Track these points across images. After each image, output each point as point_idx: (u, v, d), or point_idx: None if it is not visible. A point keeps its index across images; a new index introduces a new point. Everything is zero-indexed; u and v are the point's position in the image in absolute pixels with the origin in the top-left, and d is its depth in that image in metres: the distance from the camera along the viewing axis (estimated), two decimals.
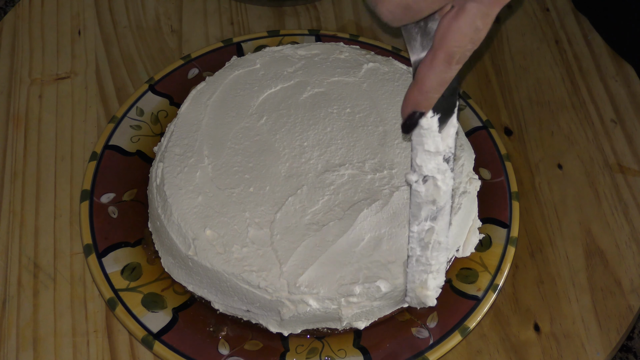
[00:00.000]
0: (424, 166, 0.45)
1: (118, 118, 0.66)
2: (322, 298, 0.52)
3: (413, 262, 0.51)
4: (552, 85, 0.75)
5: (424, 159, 0.45)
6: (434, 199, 0.47)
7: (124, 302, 0.56)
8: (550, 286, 0.61)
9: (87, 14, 0.78)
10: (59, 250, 0.62)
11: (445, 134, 0.44)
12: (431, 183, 0.46)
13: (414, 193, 0.47)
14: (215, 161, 0.58)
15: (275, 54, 0.66)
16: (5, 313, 0.59)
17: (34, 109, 0.71)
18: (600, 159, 0.69)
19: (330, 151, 0.59)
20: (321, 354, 0.55)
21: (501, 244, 0.60)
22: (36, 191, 0.65)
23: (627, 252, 0.63)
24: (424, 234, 0.49)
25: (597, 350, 0.58)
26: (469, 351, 0.58)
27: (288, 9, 0.79)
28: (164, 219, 0.56)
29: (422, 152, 0.45)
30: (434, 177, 0.46)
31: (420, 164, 0.45)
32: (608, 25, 0.78)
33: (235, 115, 0.61)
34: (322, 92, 0.63)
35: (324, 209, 0.55)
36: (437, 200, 0.47)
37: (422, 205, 0.48)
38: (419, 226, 0.49)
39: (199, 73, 0.70)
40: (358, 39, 0.73)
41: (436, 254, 0.51)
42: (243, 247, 0.54)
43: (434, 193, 0.47)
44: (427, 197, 0.47)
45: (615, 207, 0.66)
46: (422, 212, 0.48)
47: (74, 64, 0.74)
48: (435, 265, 0.51)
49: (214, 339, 0.55)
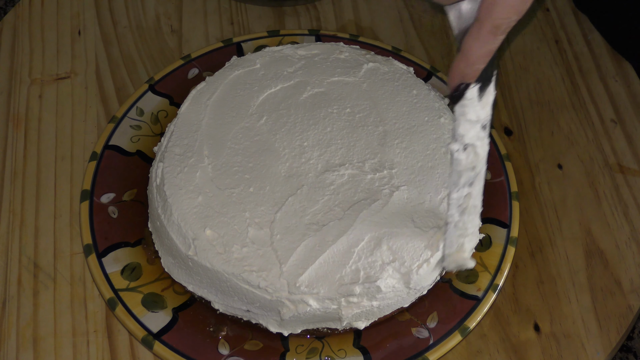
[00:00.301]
0: (466, 135, 0.48)
1: (118, 118, 0.66)
2: (322, 298, 0.52)
3: (452, 227, 0.52)
4: (552, 85, 0.75)
5: (466, 128, 0.47)
6: (473, 165, 0.49)
7: (124, 302, 0.56)
8: (550, 286, 0.62)
9: (87, 14, 0.78)
10: (59, 250, 0.62)
11: (485, 102, 0.47)
12: (471, 150, 0.49)
13: (455, 161, 0.49)
14: (215, 161, 0.58)
15: (275, 54, 0.66)
16: (5, 313, 0.59)
17: (34, 109, 0.71)
18: (600, 159, 0.69)
19: (330, 151, 0.59)
20: (321, 354, 0.55)
21: (501, 244, 0.60)
22: (36, 191, 0.65)
23: (627, 252, 0.64)
24: (462, 200, 0.51)
25: (597, 350, 0.58)
26: (469, 351, 0.58)
27: (288, 9, 0.79)
28: (164, 219, 0.56)
29: (464, 122, 0.47)
30: (474, 145, 0.48)
31: (463, 133, 0.48)
32: (608, 23, 0.78)
33: (235, 115, 0.61)
34: (322, 92, 0.63)
35: (324, 209, 0.55)
36: (476, 166, 0.49)
37: (463, 172, 0.50)
38: (458, 193, 0.51)
39: (199, 73, 0.70)
40: (358, 39, 0.73)
41: (472, 218, 0.52)
42: (243, 247, 0.54)
43: (474, 160, 0.49)
44: (467, 164, 0.49)
45: (615, 207, 0.66)
46: (462, 179, 0.50)
47: (74, 64, 0.74)
48: (471, 229, 0.53)
49: (214, 339, 0.55)
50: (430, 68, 0.71)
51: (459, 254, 0.54)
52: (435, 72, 0.71)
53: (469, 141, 0.48)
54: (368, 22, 0.79)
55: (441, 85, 0.70)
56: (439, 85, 0.69)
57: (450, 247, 0.54)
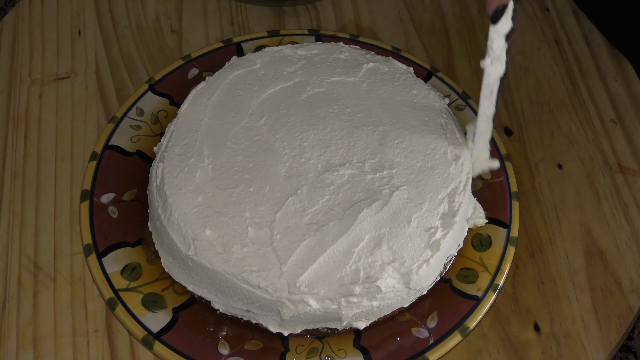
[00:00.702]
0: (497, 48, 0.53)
1: (118, 118, 0.66)
2: (322, 298, 0.52)
3: (479, 134, 0.59)
4: (552, 85, 0.75)
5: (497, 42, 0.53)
6: (499, 76, 0.55)
7: (124, 302, 0.56)
8: (550, 286, 0.62)
9: (87, 14, 0.78)
10: (59, 250, 0.62)
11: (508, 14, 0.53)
12: (497, 62, 0.54)
13: (486, 75, 0.55)
14: (215, 161, 0.58)
15: (275, 54, 0.66)
16: (5, 313, 0.59)
17: (34, 109, 0.71)
18: (600, 159, 0.69)
19: (330, 151, 0.59)
20: (321, 354, 0.55)
21: (501, 244, 0.60)
22: (36, 191, 0.65)
23: (627, 252, 0.63)
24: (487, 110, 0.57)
25: (597, 350, 0.58)
26: (469, 351, 0.58)
27: (288, 9, 0.79)
28: (164, 219, 0.56)
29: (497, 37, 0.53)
30: (500, 56, 0.54)
31: (495, 47, 0.53)
32: (607, 21, 0.78)
33: (235, 115, 0.61)
34: (322, 92, 0.63)
35: (324, 209, 0.55)
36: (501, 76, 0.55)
37: (492, 84, 0.56)
38: (484, 105, 0.57)
39: (199, 73, 0.70)
40: (358, 39, 0.73)
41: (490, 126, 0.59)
42: (243, 247, 0.54)
43: (500, 70, 0.55)
44: (495, 75, 0.55)
45: (615, 207, 0.66)
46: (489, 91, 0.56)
47: (74, 64, 0.74)
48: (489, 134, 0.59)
49: (214, 339, 0.55)
50: (430, 68, 0.71)
51: (484, 160, 0.60)
52: (435, 72, 0.71)
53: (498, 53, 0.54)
54: (368, 22, 0.79)
55: (441, 85, 0.70)
56: (439, 85, 0.69)
57: (476, 156, 0.60)
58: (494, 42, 0.54)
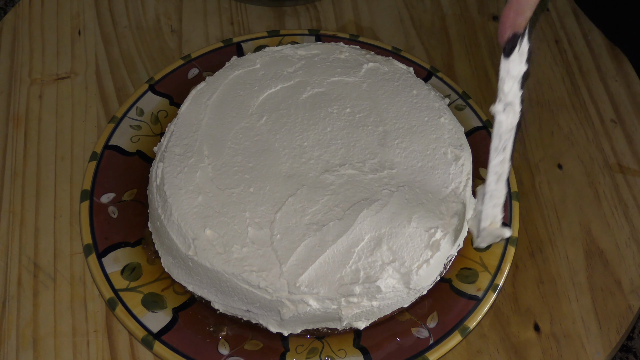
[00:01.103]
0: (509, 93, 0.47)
1: (118, 118, 0.66)
2: (322, 298, 0.52)
3: (488, 198, 0.52)
4: (552, 85, 0.75)
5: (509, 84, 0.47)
6: (512, 126, 0.49)
7: (124, 302, 0.56)
8: (550, 286, 0.62)
9: (87, 14, 0.78)
10: (59, 250, 0.62)
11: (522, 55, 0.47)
12: (510, 110, 0.48)
13: (497, 124, 0.49)
14: (215, 161, 0.58)
15: (275, 54, 0.66)
16: (5, 313, 0.59)
17: (34, 109, 0.71)
18: (600, 159, 0.69)
19: (330, 151, 0.59)
20: (321, 354, 0.55)
21: (501, 244, 0.60)
22: (36, 191, 0.65)
23: (627, 252, 0.64)
24: (498, 167, 0.51)
25: (597, 350, 0.58)
26: (469, 351, 0.58)
27: (288, 9, 0.79)
28: (164, 219, 0.56)
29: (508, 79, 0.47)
30: (512, 103, 0.48)
31: (507, 90, 0.47)
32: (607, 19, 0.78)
33: (235, 115, 0.61)
34: (322, 92, 0.63)
35: (324, 209, 0.55)
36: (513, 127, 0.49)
37: (502, 134, 0.49)
38: (495, 160, 0.50)
39: (199, 73, 0.70)
40: (358, 39, 0.73)
41: (502, 186, 0.52)
42: (243, 247, 0.54)
43: (513, 120, 0.49)
44: (507, 125, 0.49)
45: (615, 207, 0.66)
46: (501, 143, 0.50)
47: (74, 64, 0.74)
48: (501, 198, 0.53)
49: (214, 339, 0.55)
50: (430, 68, 0.71)
51: (494, 226, 0.53)
52: (435, 72, 0.71)
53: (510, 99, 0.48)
54: (368, 22, 0.79)
55: (441, 85, 0.70)
56: (439, 85, 0.69)
57: (486, 221, 0.53)
58: (505, 84, 0.47)
